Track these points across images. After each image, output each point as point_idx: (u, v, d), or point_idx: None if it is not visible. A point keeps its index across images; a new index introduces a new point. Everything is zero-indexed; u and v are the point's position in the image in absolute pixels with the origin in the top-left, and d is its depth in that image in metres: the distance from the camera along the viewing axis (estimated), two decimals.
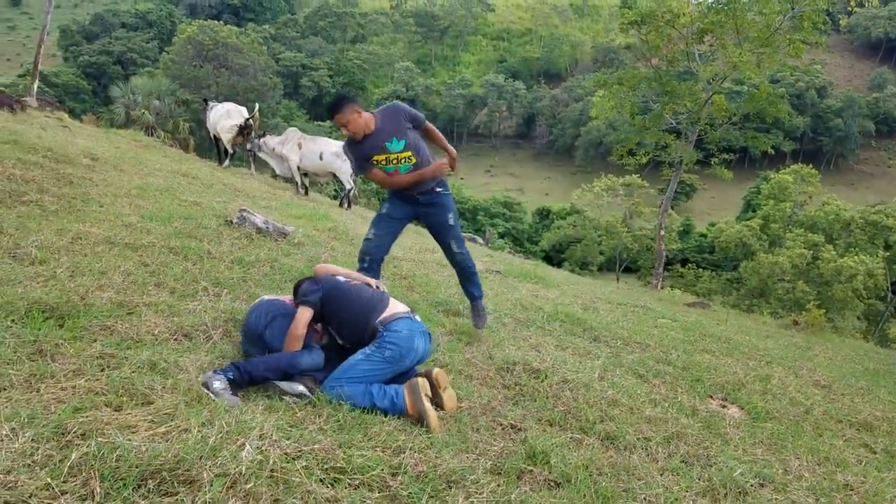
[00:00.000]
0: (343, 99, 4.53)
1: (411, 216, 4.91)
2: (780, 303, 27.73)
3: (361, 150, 4.63)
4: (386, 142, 4.58)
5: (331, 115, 4.54)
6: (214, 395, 3.18)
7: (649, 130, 18.67)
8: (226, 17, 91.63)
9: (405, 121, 4.64)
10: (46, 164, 6.91)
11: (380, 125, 4.59)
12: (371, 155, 4.62)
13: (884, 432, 5.05)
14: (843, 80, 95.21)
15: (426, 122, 4.82)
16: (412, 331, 3.72)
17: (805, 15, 15.85)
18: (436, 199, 4.82)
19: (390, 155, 4.61)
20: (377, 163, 4.64)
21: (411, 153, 4.64)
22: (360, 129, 4.52)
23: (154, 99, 31.47)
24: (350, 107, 4.47)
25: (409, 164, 4.65)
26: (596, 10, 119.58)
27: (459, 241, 4.97)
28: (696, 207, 71.51)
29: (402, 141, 4.60)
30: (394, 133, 4.59)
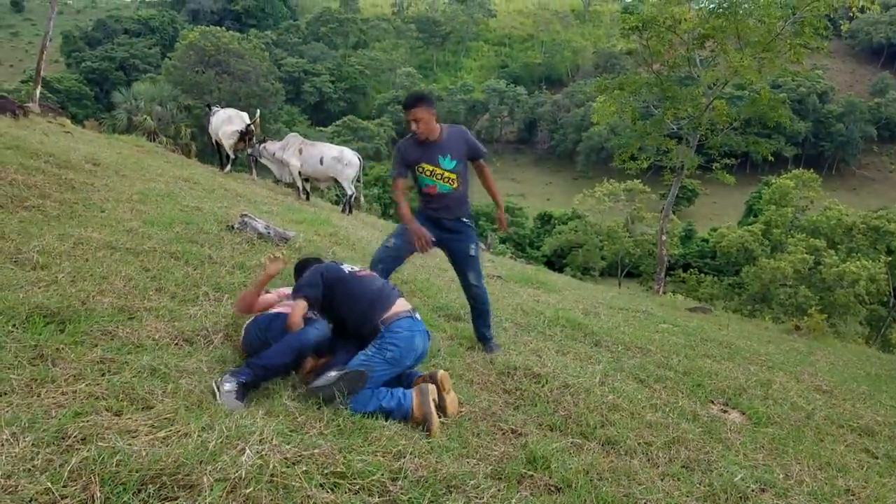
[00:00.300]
0: (425, 96, 4.59)
1: (437, 235, 4.77)
2: (781, 308, 27.70)
3: (415, 152, 4.63)
4: (440, 155, 4.61)
5: (408, 106, 4.53)
6: (219, 394, 3.20)
7: (651, 135, 18.68)
8: (228, 23, 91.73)
9: (465, 146, 4.70)
10: (48, 170, 6.93)
11: (444, 138, 4.62)
12: (421, 161, 4.62)
13: (885, 437, 5.04)
14: (844, 85, 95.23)
15: (484, 159, 4.88)
16: (413, 331, 3.71)
17: (806, 20, 15.86)
18: (460, 228, 4.80)
19: (437, 169, 4.62)
20: (421, 171, 4.64)
21: (457, 177, 4.66)
22: (429, 131, 4.54)
23: (156, 104, 31.51)
24: (429, 106, 4.52)
25: (450, 185, 4.66)
26: (597, 15, 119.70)
27: (478, 274, 4.94)
28: (698, 212, 71.46)
29: (455, 162, 4.63)
30: (451, 151, 4.62)
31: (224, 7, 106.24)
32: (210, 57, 50.58)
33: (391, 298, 3.82)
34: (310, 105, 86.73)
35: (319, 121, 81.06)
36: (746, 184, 63.93)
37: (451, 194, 4.69)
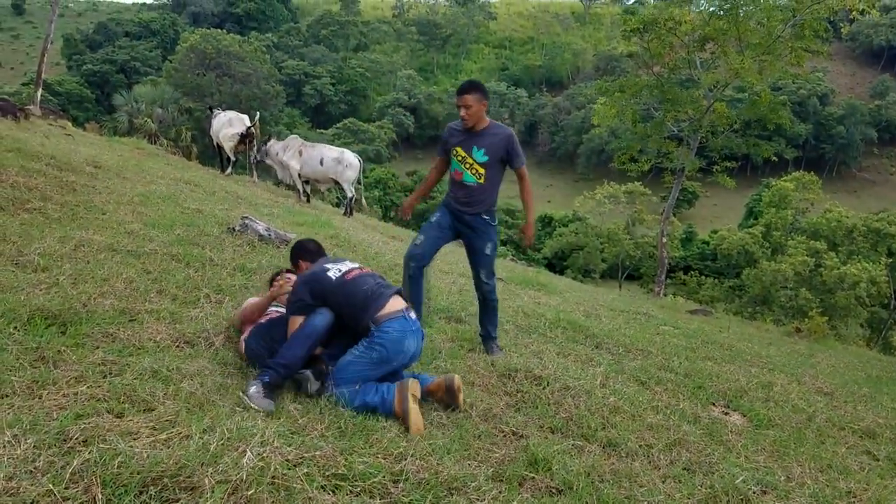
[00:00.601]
0: (480, 86, 4.70)
1: (455, 230, 4.93)
2: (782, 310, 27.69)
3: (456, 136, 4.79)
4: (475, 146, 4.70)
5: (461, 91, 4.64)
6: (248, 400, 3.25)
7: (651, 138, 18.70)
8: (228, 26, 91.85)
9: (504, 148, 4.73)
10: (50, 172, 6.94)
11: (486, 131, 4.73)
12: (456, 144, 4.77)
13: (887, 440, 5.04)
14: (845, 87, 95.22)
15: (523, 169, 4.90)
16: (404, 331, 3.69)
17: (806, 23, 15.87)
18: (479, 225, 4.85)
19: (468, 158, 4.73)
20: (455, 154, 4.78)
21: (484, 171, 4.72)
22: (475, 120, 4.67)
23: (157, 107, 31.58)
24: (481, 96, 4.65)
25: (475, 177, 4.74)
26: (597, 18, 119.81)
27: (490, 273, 5.00)
28: (699, 214, 71.46)
29: (487, 157, 4.70)
30: (486, 145, 4.70)
31: (225, 10, 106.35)
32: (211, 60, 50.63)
33: (383, 298, 3.76)
34: (310, 107, 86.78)
35: (320, 123, 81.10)
36: (747, 186, 63.93)
37: (475, 187, 4.76)
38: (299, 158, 12.43)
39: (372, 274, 3.97)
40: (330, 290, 3.77)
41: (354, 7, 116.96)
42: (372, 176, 53.26)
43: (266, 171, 13.67)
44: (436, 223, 4.93)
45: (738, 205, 65.05)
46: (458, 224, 4.88)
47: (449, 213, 4.92)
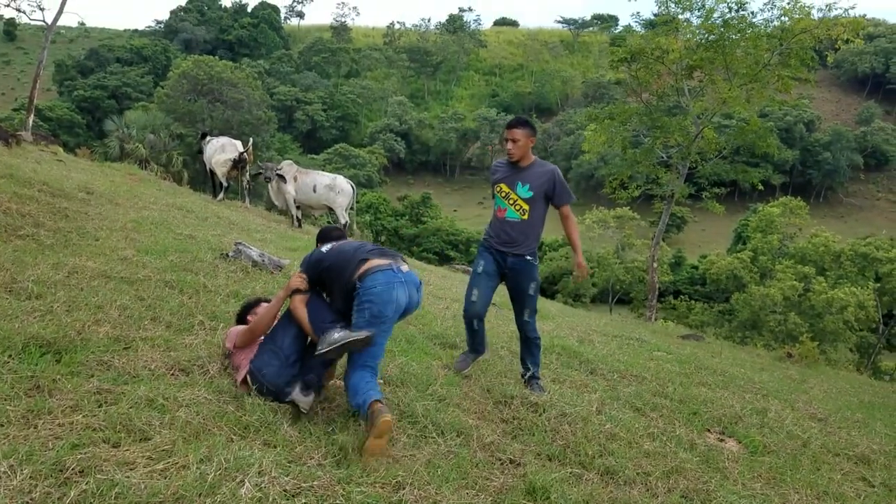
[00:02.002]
0: (529, 122, 4.81)
1: (501, 273, 4.91)
2: (772, 335, 27.78)
3: (500, 171, 4.86)
4: (520, 182, 4.73)
5: (511, 125, 4.73)
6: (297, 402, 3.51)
7: (641, 164, 18.82)
8: (220, 52, 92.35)
9: (549, 185, 4.75)
10: (42, 198, 6.92)
11: (530, 167, 4.77)
12: (502, 181, 4.81)
13: (881, 466, 5.04)
14: (830, 114, 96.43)
15: (567, 206, 4.89)
16: (390, 282, 3.62)
17: (793, 52, 16.11)
18: (522, 266, 4.84)
19: (512, 194, 4.74)
20: (499, 191, 4.82)
21: (529, 208, 4.74)
22: (520, 154, 4.73)
23: (148, 133, 31.61)
24: (529, 132, 4.72)
25: (519, 213, 4.75)
26: (586, 46, 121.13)
27: (533, 311, 5.00)
28: (687, 240, 71.80)
29: (531, 193, 4.71)
30: (531, 181, 4.72)
31: (217, 37, 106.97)
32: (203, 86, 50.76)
33: (367, 254, 3.72)
34: (302, 133, 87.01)
35: (311, 148, 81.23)
36: (735, 211, 64.39)
37: (518, 224, 4.76)
38: (294, 184, 12.45)
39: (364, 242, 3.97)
40: (322, 261, 3.81)
41: (346, 34, 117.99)
42: (363, 201, 53.33)
43: (259, 196, 13.68)
44: (483, 273, 4.89)
45: (727, 230, 65.45)
46: (502, 266, 4.86)
47: (492, 257, 4.89)
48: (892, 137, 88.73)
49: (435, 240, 55.47)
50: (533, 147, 4.81)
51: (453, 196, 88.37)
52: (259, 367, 3.69)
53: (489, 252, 4.90)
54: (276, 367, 3.66)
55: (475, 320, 4.90)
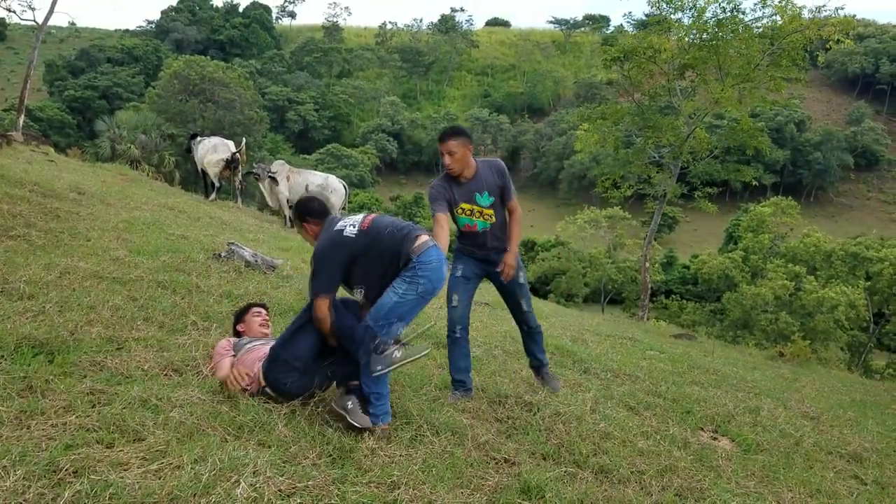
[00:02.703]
0: (462, 130, 4.46)
1: (483, 274, 4.77)
2: (763, 334, 27.87)
3: (453, 192, 4.48)
4: (477, 193, 4.47)
5: (443, 138, 4.38)
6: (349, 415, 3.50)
7: (633, 164, 18.87)
8: (212, 53, 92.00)
9: (501, 182, 4.53)
10: (33, 199, 6.89)
11: (479, 174, 4.48)
12: (460, 202, 4.49)
13: (874, 463, 5.07)
14: (821, 114, 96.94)
15: (514, 201, 4.64)
16: (441, 260, 3.67)
17: (784, 52, 16.18)
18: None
19: (475, 207, 4.49)
20: (461, 211, 4.51)
21: (493, 212, 4.52)
22: (462, 166, 4.40)
23: (140, 133, 31.45)
24: (464, 140, 4.38)
25: (488, 221, 4.53)
26: (577, 46, 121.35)
27: (528, 299, 4.86)
28: (679, 239, 72.05)
29: (492, 198, 4.50)
30: (487, 187, 4.48)
31: (208, 37, 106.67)
32: (194, 86, 50.51)
33: (412, 231, 3.70)
34: (294, 133, 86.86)
35: (303, 148, 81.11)
36: (726, 211, 64.62)
37: (491, 229, 4.56)
38: (287, 184, 12.43)
39: (384, 216, 3.89)
40: (352, 248, 3.65)
41: (337, 34, 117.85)
42: (355, 201, 53.27)
43: (251, 196, 13.65)
44: (462, 277, 4.66)
45: (718, 230, 65.71)
46: (485, 265, 4.68)
47: (472, 259, 4.69)
48: (882, 137, 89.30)
49: None
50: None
51: None
52: (278, 380, 3.66)
53: (468, 256, 4.69)
54: (297, 376, 3.67)
55: (458, 327, 4.62)
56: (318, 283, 3.63)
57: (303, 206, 4.01)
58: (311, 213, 3.95)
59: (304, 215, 3.95)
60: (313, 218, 3.92)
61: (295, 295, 5.92)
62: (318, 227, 3.88)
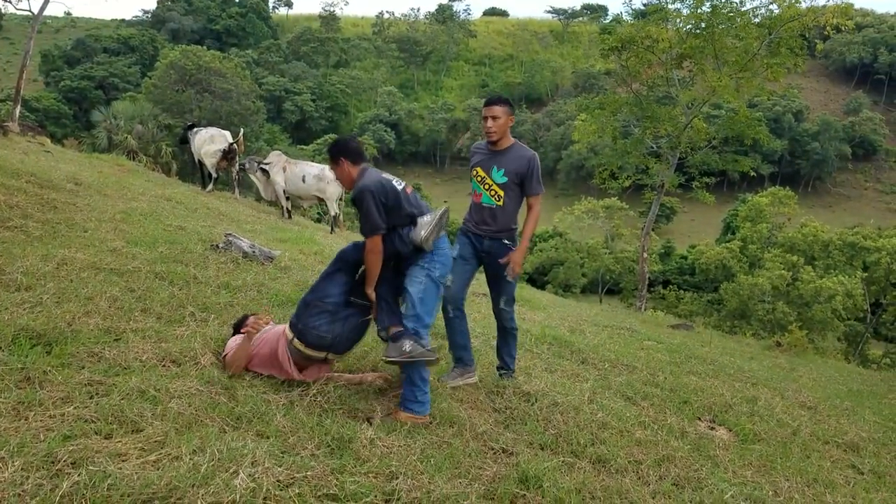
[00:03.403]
0: (509, 101, 4.64)
1: (478, 257, 4.72)
2: (760, 324, 27.92)
3: (478, 155, 4.71)
4: (496, 166, 4.55)
5: (489, 102, 4.55)
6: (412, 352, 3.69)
7: (631, 154, 18.84)
8: (208, 43, 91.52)
9: (524, 171, 4.53)
10: (30, 190, 6.87)
11: (509, 150, 4.58)
12: (478, 165, 4.66)
13: (870, 453, 5.09)
14: (819, 104, 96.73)
15: (537, 198, 4.63)
16: (447, 246, 4.01)
17: (782, 40, 16.15)
18: (499, 249, 4.62)
19: (488, 179, 4.58)
20: (475, 175, 4.67)
21: (503, 193, 4.54)
22: (498, 134, 4.52)
23: (136, 123, 31.34)
24: (508, 109, 4.55)
25: (494, 199, 4.57)
26: (575, 36, 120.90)
27: (510, 299, 4.82)
28: (677, 230, 72.06)
29: (506, 178, 4.53)
30: (507, 166, 4.53)
31: (204, 26, 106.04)
32: (191, 76, 50.27)
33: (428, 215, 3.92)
34: (291, 123, 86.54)
35: (301, 139, 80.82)
36: (724, 202, 64.61)
37: (494, 209, 4.57)
38: (283, 175, 12.39)
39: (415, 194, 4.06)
40: (395, 199, 3.84)
41: (334, 24, 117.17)
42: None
43: (248, 187, 13.61)
44: (458, 257, 4.65)
45: (716, 220, 65.72)
46: (478, 250, 4.67)
47: (468, 241, 4.70)
48: (879, 127, 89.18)
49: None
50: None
51: (443, 186, 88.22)
52: (308, 325, 3.83)
53: (465, 235, 4.72)
54: (328, 319, 3.83)
55: (450, 307, 4.63)
56: (371, 221, 3.75)
57: (342, 143, 4.02)
58: (348, 152, 3.96)
59: (339, 154, 3.95)
60: (349, 158, 3.94)
61: (293, 286, 5.91)
62: (354, 170, 3.93)
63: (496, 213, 4.58)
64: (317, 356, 3.90)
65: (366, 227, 3.77)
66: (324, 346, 3.87)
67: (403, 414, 3.77)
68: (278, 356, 3.89)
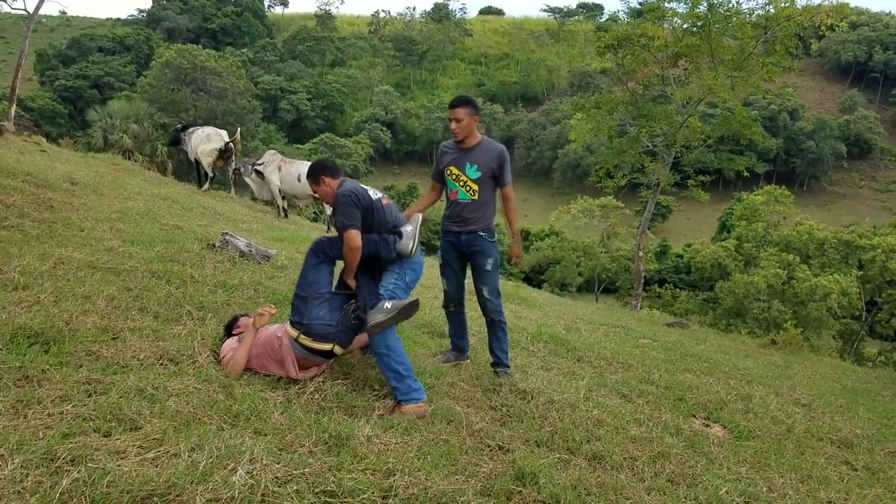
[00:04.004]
0: (471, 100, 4.75)
1: (460, 255, 4.89)
2: (756, 322, 27.99)
3: (449, 155, 4.80)
4: (468, 163, 4.70)
5: (453, 105, 4.69)
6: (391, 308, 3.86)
7: (626, 153, 18.89)
8: (204, 42, 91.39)
9: (495, 163, 4.70)
10: (26, 189, 6.87)
11: (477, 146, 4.73)
12: (449, 163, 4.76)
13: (864, 450, 5.12)
14: (814, 102, 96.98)
15: (508, 188, 4.83)
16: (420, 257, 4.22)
17: (777, 39, 16.19)
18: (476, 243, 4.77)
19: (462, 176, 4.71)
20: (449, 174, 4.76)
21: (478, 188, 4.70)
22: (464, 133, 4.68)
23: (132, 122, 31.27)
24: (472, 111, 4.67)
25: (469, 194, 4.71)
26: (571, 35, 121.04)
27: (493, 290, 4.85)
28: (673, 228, 72.23)
29: (479, 173, 4.68)
30: (478, 161, 4.69)
31: (200, 25, 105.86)
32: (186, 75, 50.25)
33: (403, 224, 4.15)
34: (287, 122, 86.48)
35: (296, 138, 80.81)
36: (719, 200, 64.75)
37: (469, 205, 4.73)
38: (279, 174, 12.40)
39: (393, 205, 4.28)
40: (370, 207, 4.06)
41: (330, 23, 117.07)
42: None
43: (244, 186, 13.61)
44: (444, 262, 4.94)
45: (711, 219, 65.91)
46: (457, 246, 4.83)
47: (448, 242, 4.88)
48: (874, 126, 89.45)
49: (421, 229, 55.33)
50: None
51: None
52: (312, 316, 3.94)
53: (446, 236, 4.88)
54: (327, 308, 3.98)
55: (450, 303, 5.02)
56: (346, 219, 3.95)
57: (319, 163, 4.26)
58: (326, 169, 4.20)
59: (320, 172, 4.18)
60: (329, 174, 4.18)
61: (289, 284, 5.92)
62: (334, 183, 4.16)
63: (472, 207, 4.73)
64: (325, 348, 3.97)
65: (341, 223, 3.97)
66: (330, 335, 3.96)
67: (405, 407, 3.85)
68: (282, 354, 3.92)
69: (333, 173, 4.18)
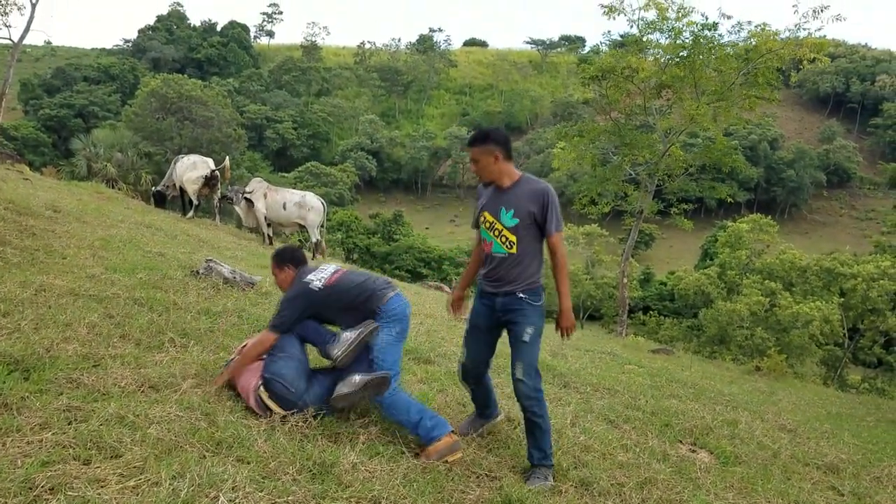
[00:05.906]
0: (484, 135, 3.82)
1: (495, 322, 3.95)
2: (740, 349, 28.09)
3: (483, 196, 3.94)
4: (504, 207, 3.77)
5: (469, 144, 3.86)
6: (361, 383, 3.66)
7: (609, 181, 19.07)
8: (190, 72, 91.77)
9: (536, 208, 3.74)
10: (8, 217, 6.81)
11: (515, 186, 3.81)
12: (483, 210, 3.89)
13: (850, 475, 5.13)
14: (794, 132, 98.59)
15: (556, 237, 3.81)
16: (405, 303, 4.03)
17: (759, 72, 16.49)
18: (514, 306, 3.83)
19: (497, 223, 3.79)
20: (483, 220, 3.88)
21: (516, 239, 3.75)
22: (487, 175, 3.81)
23: (116, 151, 31.23)
24: (492, 147, 3.76)
25: (505, 247, 3.78)
26: (554, 66, 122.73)
27: (529, 367, 3.82)
28: (656, 256, 72.69)
29: (516, 220, 3.75)
30: (516, 206, 3.76)
31: (186, 55, 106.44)
32: (172, 104, 50.34)
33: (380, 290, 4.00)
34: (272, 151, 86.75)
35: (282, 167, 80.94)
36: (702, 228, 65.26)
37: (506, 260, 3.79)
38: (264, 201, 12.40)
39: (353, 271, 4.24)
40: (318, 302, 3.97)
41: (316, 53, 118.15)
42: (335, 219, 53.18)
43: (229, 214, 13.58)
44: (472, 326, 4.04)
45: (694, 246, 66.41)
46: (492, 310, 3.90)
47: (480, 301, 3.97)
48: (853, 155, 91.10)
49: (407, 257, 55.37)
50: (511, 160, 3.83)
51: (425, 214, 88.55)
52: (275, 371, 3.81)
53: (480, 299, 3.98)
54: (294, 368, 3.85)
55: (470, 380, 4.13)
56: (277, 319, 3.96)
57: (284, 253, 4.32)
58: (290, 260, 4.24)
59: (283, 261, 4.23)
60: (291, 265, 4.22)
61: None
62: (293, 273, 4.17)
63: (510, 263, 3.80)
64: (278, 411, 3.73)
65: (272, 320, 3.99)
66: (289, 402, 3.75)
67: (430, 448, 3.64)
68: (248, 391, 3.85)
69: (298, 264, 4.20)
